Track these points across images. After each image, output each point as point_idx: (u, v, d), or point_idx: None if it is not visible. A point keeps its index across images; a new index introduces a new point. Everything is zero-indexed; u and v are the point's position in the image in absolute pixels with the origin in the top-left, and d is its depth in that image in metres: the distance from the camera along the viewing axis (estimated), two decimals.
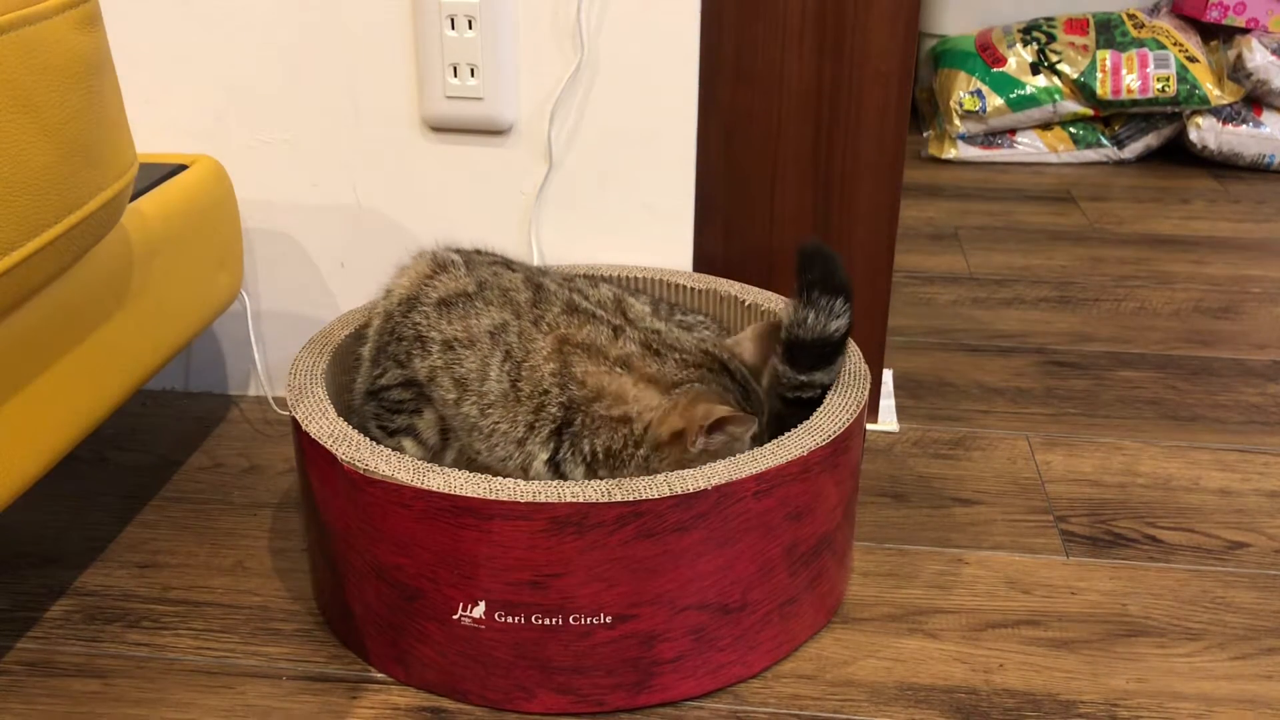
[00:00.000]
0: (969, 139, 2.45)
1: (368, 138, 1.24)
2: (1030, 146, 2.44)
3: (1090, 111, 2.40)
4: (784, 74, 1.20)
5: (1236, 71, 2.32)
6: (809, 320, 0.95)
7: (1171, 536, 1.12)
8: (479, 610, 0.86)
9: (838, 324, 0.95)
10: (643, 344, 0.92)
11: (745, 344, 0.99)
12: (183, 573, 1.07)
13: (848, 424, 0.92)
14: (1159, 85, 2.33)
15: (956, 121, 2.43)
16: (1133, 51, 2.36)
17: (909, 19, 1.16)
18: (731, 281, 1.19)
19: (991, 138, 2.45)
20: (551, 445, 0.91)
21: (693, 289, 1.19)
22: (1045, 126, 2.44)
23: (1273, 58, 2.28)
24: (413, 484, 0.84)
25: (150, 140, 1.25)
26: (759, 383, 0.97)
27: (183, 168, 1.14)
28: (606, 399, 0.89)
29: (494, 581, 0.84)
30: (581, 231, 1.25)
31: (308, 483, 0.94)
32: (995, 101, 2.39)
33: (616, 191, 1.23)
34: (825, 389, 0.97)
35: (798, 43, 1.19)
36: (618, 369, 0.90)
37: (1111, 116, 2.43)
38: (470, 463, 0.94)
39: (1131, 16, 2.45)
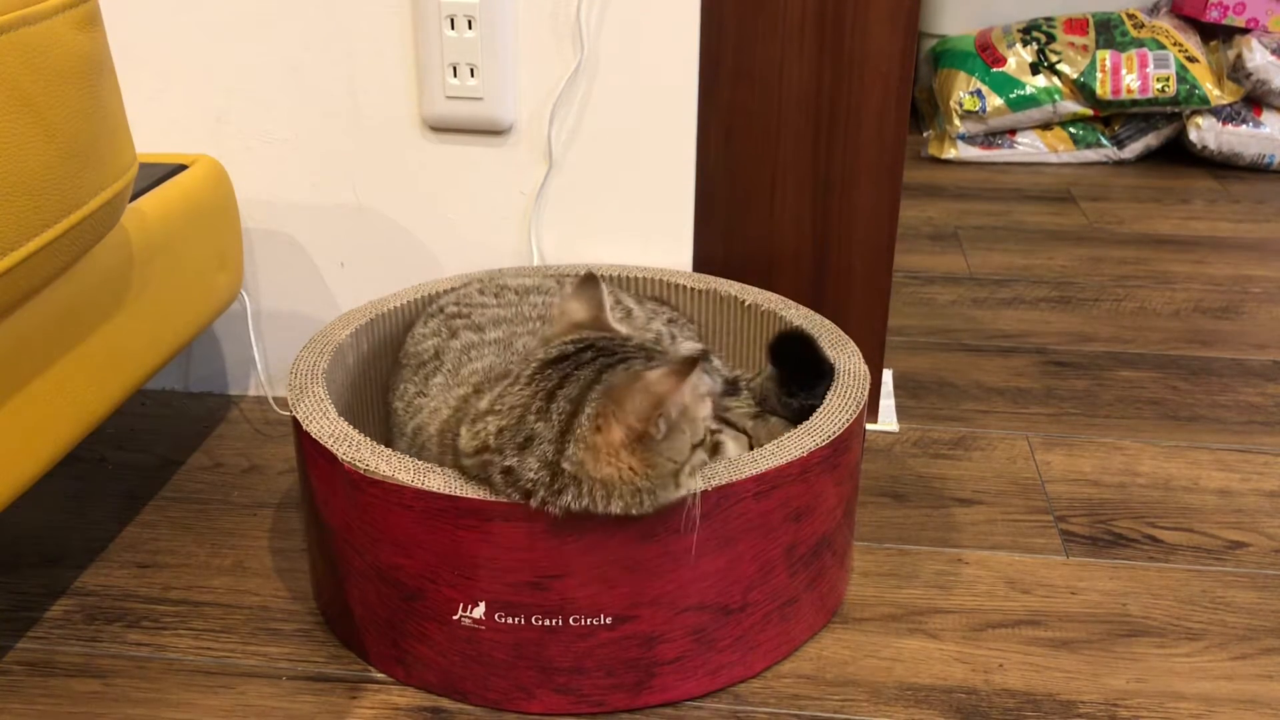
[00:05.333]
0: (969, 139, 2.45)
1: (368, 138, 1.24)
2: (1030, 146, 2.44)
3: (1090, 111, 2.40)
4: (784, 74, 1.20)
5: (1236, 71, 2.32)
6: (794, 401, 1.02)
7: (1171, 536, 1.12)
8: (479, 611, 0.86)
9: (821, 393, 0.99)
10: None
11: (570, 312, 0.90)
12: (183, 573, 1.07)
13: (847, 424, 0.92)
14: (1159, 85, 2.33)
15: (956, 121, 2.43)
16: (1132, 51, 2.36)
17: (909, 19, 1.16)
18: (731, 281, 1.19)
19: (991, 138, 2.45)
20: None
21: (693, 289, 1.19)
22: (1045, 126, 2.44)
23: (1272, 58, 2.28)
24: (413, 484, 0.84)
25: (150, 140, 1.24)
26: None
27: (183, 168, 1.14)
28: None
29: (494, 582, 0.84)
30: (581, 231, 1.25)
31: (308, 483, 0.94)
32: (995, 101, 2.39)
33: (616, 191, 1.23)
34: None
35: (798, 43, 1.19)
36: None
37: (1111, 116, 2.43)
38: None
39: (1131, 16, 2.45)
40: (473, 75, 1.18)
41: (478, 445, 0.82)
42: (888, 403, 1.36)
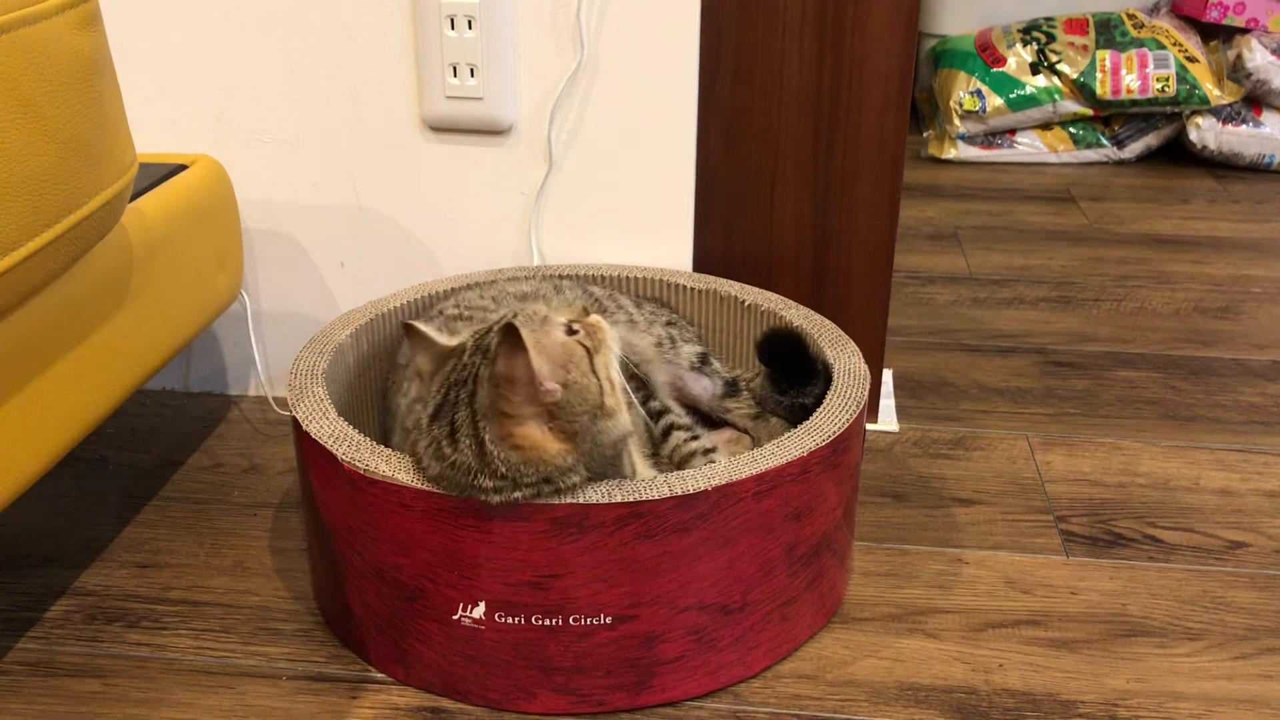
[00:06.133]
0: (969, 139, 2.45)
1: (368, 138, 1.24)
2: (1030, 146, 2.44)
3: (1090, 111, 2.40)
4: (784, 74, 1.20)
5: (1236, 71, 2.32)
6: (785, 399, 1.06)
7: (1171, 536, 1.12)
8: (479, 611, 0.86)
9: (811, 391, 1.01)
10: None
11: (423, 368, 0.89)
12: (183, 573, 1.07)
13: (847, 424, 0.92)
14: (1159, 85, 2.33)
15: (956, 121, 2.43)
16: (1132, 51, 2.36)
17: (909, 19, 1.16)
18: (731, 281, 1.19)
19: (991, 138, 2.45)
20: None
21: (693, 289, 1.19)
22: (1045, 126, 2.44)
23: (1272, 58, 2.28)
24: (413, 484, 0.84)
25: (150, 140, 1.24)
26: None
27: (183, 168, 1.14)
28: None
29: (494, 582, 0.84)
30: (581, 231, 1.25)
31: (308, 483, 0.94)
32: (995, 101, 2.39)
33: (616, 191, 1.23)
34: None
35: (798, 43, 1.19)
36: None
37: (1111, 116, 2.43)
38: None
39: (1131, 16, 2.45)
40: (473, 75, 1.18)
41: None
42: (888, 403, 1.36)
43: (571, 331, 0.85)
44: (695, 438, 1.02)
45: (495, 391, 0.81)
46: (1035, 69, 2.40)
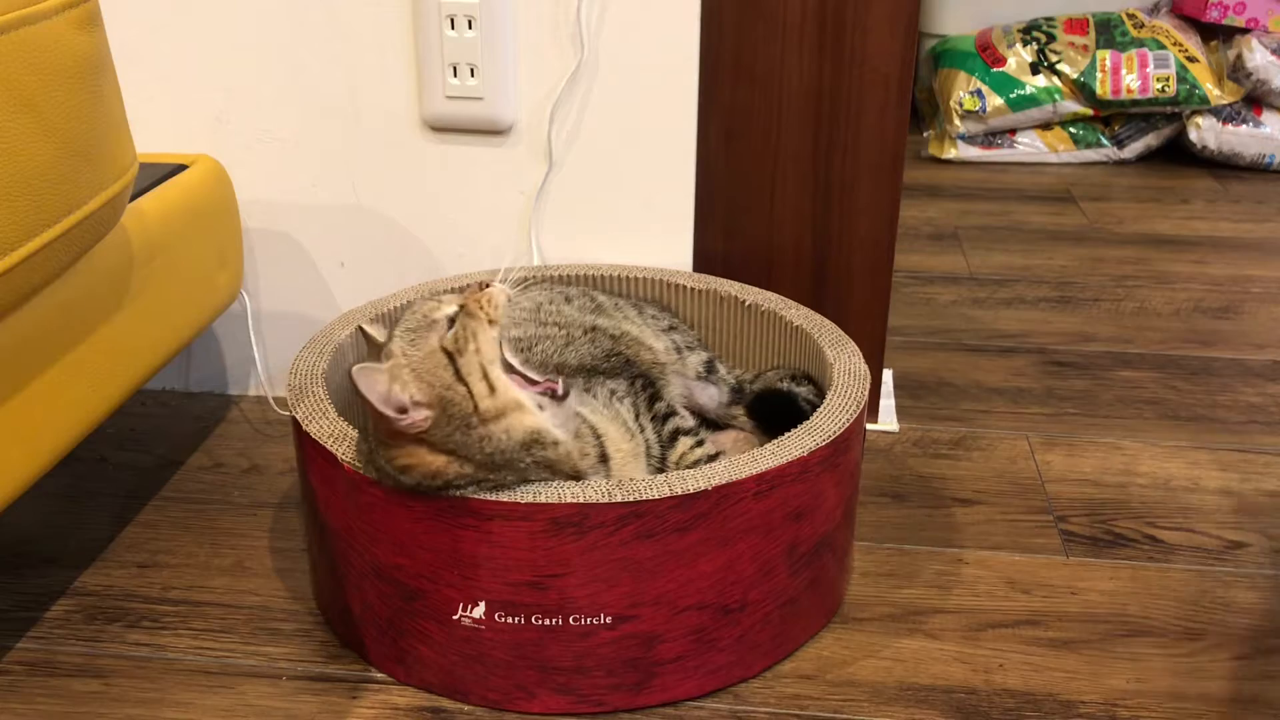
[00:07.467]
0: (969, 139, 2.45)
1: (368, 138, 1.24)
2: (1030, 146, 2.44)
3: (1090, 111, 2.40)
4: (784, 74, 1.20)
5: (1236, 71, 2.32)
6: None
7: (1171, 536, 1.12)
8: (479, 610, 0.86)
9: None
10: None
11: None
12: (183, 573, 1.07)
13: (848, 424, 0.92)
14: (1159, 85, 2.33)
15: (956, 121, 2.43)
16: (1132, 51, 2.36)
17: (909, 19, 1.16)
18: (731, 281, 1.19)
19: (991, 138, 2.45)
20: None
21: (693, 289, 1.19)
22: (1045, 126, 2.44)
23: (1273, 58, 2.28)
24: None
25: (150, 140, 1.24)
26: None
27: (183, 168, 1.14)
28: None
29: (494, 582, 0.84)
30: (581, 231, 1.25)
31: (308, 483, 0.94)
32: (995, 101, 2.39)
33: (616, 191, 1.23)
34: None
35: (798, 43, 1.19)
36: None
37: (1111, 116, 2.43)
38: None
39: (1131, 16, 2.45)
40: (473, 75, 1.18)
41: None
42: (888, 403, 1.36)
43: (452, 323, 0.83)
44: (700, 444, 1.02)
45: (374, 420, 0.82)
46: (1035, 69, 2.40)
